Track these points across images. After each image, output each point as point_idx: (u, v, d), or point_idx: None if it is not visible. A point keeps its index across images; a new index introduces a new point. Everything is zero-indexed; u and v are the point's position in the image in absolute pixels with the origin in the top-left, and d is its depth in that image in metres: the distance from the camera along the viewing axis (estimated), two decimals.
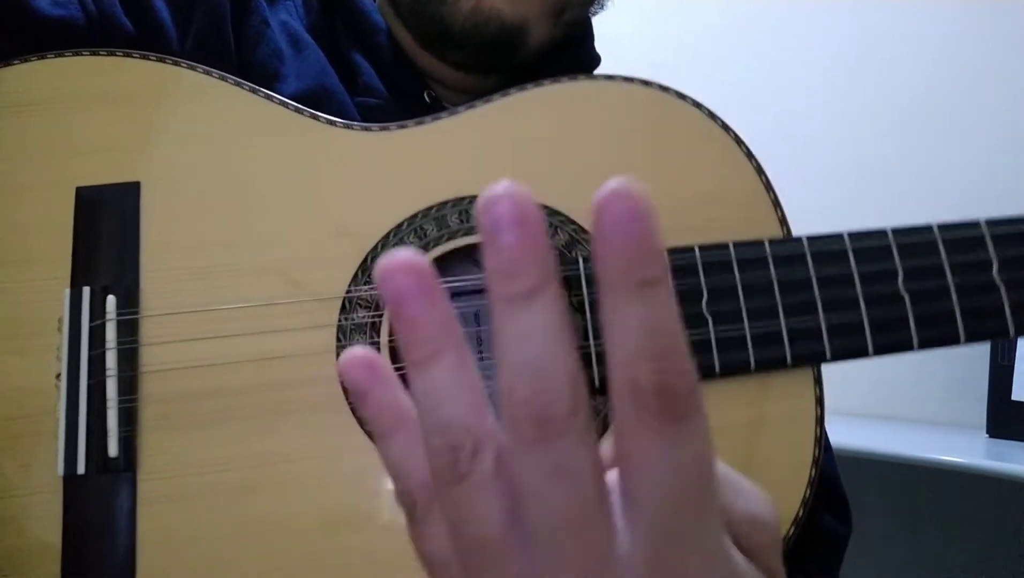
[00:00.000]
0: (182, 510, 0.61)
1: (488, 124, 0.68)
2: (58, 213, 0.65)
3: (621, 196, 0.28)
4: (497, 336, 0.30)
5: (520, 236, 0.29)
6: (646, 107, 0.68)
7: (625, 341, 0.29)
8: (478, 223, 0.29)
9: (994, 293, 0.62)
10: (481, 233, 0.29)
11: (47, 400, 0.62)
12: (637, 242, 0.28)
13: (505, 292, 0.29)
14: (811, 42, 2.09)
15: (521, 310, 0.29)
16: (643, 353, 0.29)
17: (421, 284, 0.30)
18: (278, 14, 0.82)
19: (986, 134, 1.86)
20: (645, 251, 0.29)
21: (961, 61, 1.91)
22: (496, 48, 0.77)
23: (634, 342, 0.29)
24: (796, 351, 0.62)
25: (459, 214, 0.66)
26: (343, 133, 0.68)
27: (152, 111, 0.68)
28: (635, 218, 0.28)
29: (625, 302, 0.29)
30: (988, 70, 1.88)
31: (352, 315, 0.63)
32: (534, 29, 0.78)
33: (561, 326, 0.30)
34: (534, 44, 0.79)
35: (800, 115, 2.06)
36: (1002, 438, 1.63)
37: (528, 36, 0.78)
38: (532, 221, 0.29)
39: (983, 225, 0.63)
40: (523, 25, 0.76)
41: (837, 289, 0.62)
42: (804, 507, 0.60)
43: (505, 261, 0.29)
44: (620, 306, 0.29)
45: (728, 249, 0.63)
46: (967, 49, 1.91)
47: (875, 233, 0.63)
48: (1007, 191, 1.78)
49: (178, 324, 0.63)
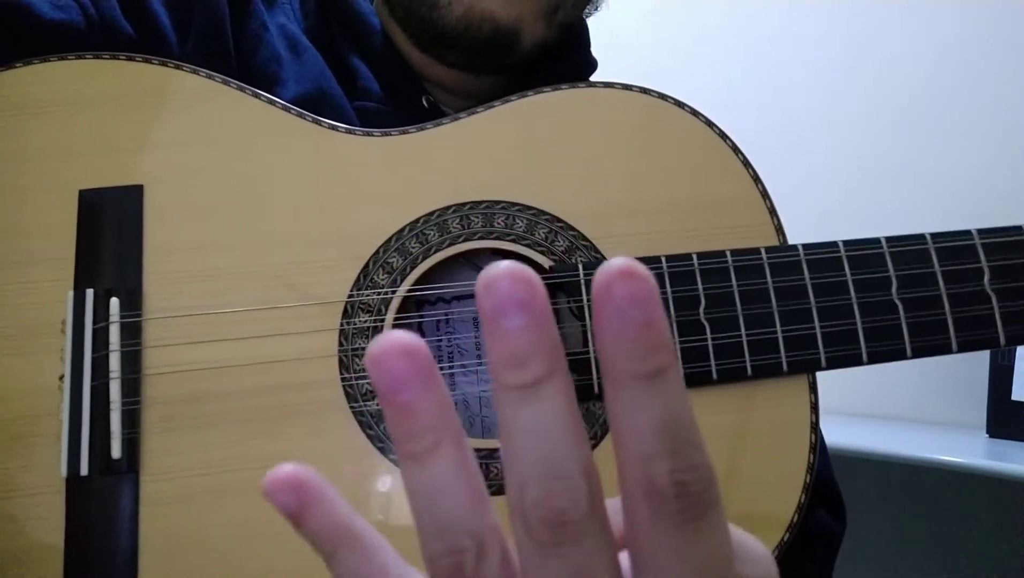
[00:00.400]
0: (184, 512, 0.61)
1: (489, 130, 0.69)
2: (61, 215, 0.65)
3: (624, 277, 0.26)
4: (504, 429, 0.28)
5: (527, 321, 0.26)
6: (644, 114, 0.69)
7: (637, 438, 0.28)
8: (479, 305, 0.27)
9: (986, 303, 0.62)
10: (482, 316, 0.27)
11: (50, 401, 0.62)
12: (644, 329, 0.27)
13: (511, 382, 0.27)
14: (808, 44, 2.08)
15: (530, 401, 0.27)
16: (658, 451, 0.27)
17: (418, 367, 0.27)
18: (276, 17, 0.82)
19: (986, 136, 1.85)
20: (653, 338, 0.27)
21: (960, 63, 1.91)
22: (490, 49, 0.78)
23: (648, 439, 0.27)
24: (792, 358, 0.62)
25: (460, 220, 0.66)
26: (345, 138, 0.68)
27: (155, 114, 0.68)
28: (642, 302, 0.26)
29: (634, 395, 0.27)
30: (988, 71, 1.88)
31: (354, 319, 0.64)
32: (528, 30, 0.78)
33: (573, 417, 0.28)
34: (528, 44, 0.79)
35: (797, 117, 2.05)
36: (1002, 438, 1.63)
37: (522, 37, 0.78)
38: (538, 303, 0.27)
39: (975, 234, 0.64)
40: (516, 26, 0.77)
41: (832, 297, 0.63)
42: (799, 513, 0.61)
43: (510, 349, 0.27)
44: (629, 400, 0.27)
45: (725, 257, 0.64)
46: (966, 51, 1.90)
47: (869, 242, 0.64)
48: (1008, 192, 1.79)
49: (181, 327, 0.64)
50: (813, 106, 2.05)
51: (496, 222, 0.66)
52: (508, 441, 0.28)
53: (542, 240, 0.66)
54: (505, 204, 0.67)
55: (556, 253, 0.66)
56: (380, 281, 0.65)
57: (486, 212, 0.66)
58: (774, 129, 1.97)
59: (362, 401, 0.62)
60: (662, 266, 0.64)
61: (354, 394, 0.62)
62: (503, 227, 0.66)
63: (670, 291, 0.63)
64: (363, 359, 0.27)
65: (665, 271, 0.64)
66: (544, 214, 0.66)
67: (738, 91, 2.07)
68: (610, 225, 0.66)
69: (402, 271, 0.65)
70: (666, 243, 0.65)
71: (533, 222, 0.66)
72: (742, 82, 2.11)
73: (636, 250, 0.65)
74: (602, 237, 0.66)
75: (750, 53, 2.15)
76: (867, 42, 2.02)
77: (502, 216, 0.66)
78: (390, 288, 0.65)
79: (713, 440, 0.62)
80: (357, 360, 0.63)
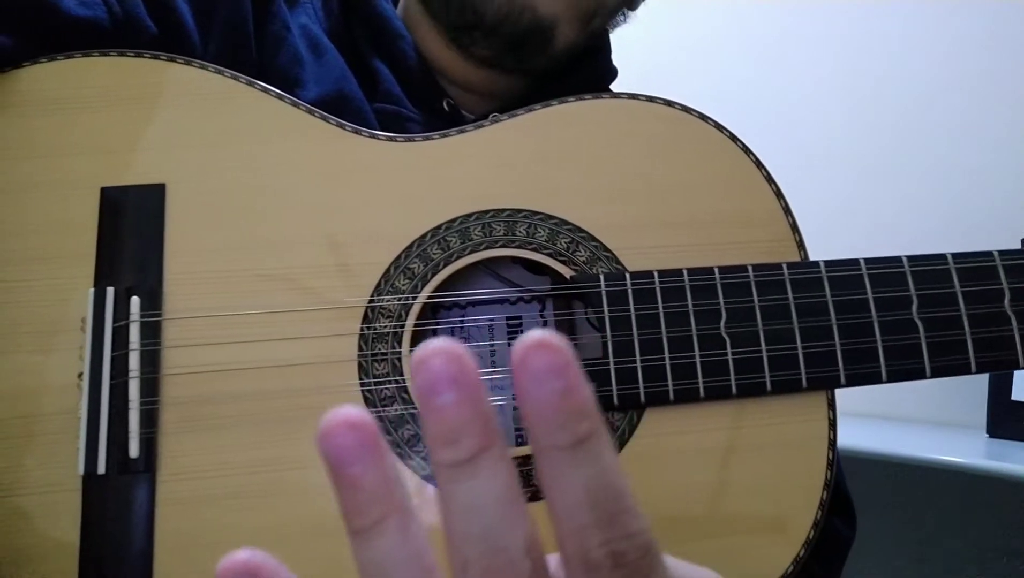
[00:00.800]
0: (201, 513, 0.61)
1: (512, 138, 0.69)
2: (83, 213, 0.65)
3: (538, 349, 0.26)
4: (442, 506, 0.28)
5: (457, 396, 0.26)
6: (668, 127, 0.69)
7: (569, 509, 0.28)
8: (412, 384, 0.27)
9: (1005, 324, 0.63)
10: (415, 394, 0.27)
11: (68, 399, 0.62)
12: (563, 398, 0.26)
13: (446, 459, 0.27)
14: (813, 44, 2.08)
15: (466, 477, 0.27)
16: (590, 523, 0.27)
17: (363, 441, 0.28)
18: (298, 17, 0.82)
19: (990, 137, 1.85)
20: (574, 406, 0.27)
21: (961, 64, 1.90)
22: (524, 43, 0.78)
23: (578, 511, 0.27)
24: (811, 375, 0.62)
25: (482, 227, 0.66)
26: (368, 142, 0.68)
27: (178, 114, 0.68)
28: (558, 373, 0.26)
29: (561, 466, 0.27)
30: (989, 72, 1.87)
31: (374, 324, 0.64)
32: (563, 30, 0.78)
33: (511, 491, 0.28)
34: (560, 45, 0.79)
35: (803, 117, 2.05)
36: (1002, 438, 1.63)
37: (556, 36, 0.78)
38: (469, 378, 0.27)
39: (996, 256, 0.64)
40: (554, 23, 0.77)
41: (853, 315, 0.63)
42: (815, 529, 0.61)
43: (443, 425, 0.27)
44: (556, 471, 0.27)
45: (747, 271, 0.64)
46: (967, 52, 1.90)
47: (890, 260, 0.64)
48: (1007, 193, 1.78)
49: (200, 328, 0.64)
50: (813, 106, 2.05)
51: (518, 231, 0.66)
52: (447, 519, 0.28)
53: (564, 249, 0.66)
54: (527, 213, 0.67)
55: (577, 263, 0.66)
56: (401, 286, 0.65)
57: (508, 220, 0.66)
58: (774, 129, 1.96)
59: (380, 406, 0.62)
60: (684, 279, 0.64)
61: (372, 399, 0.63)
62: (525, 236, 0.66)
63: (691, 304, 0.63)
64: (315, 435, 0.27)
65: (687, 284, 0.64)
66: (566, 224, 0.66)
67: (738, 91, 2.07)
68: (632, 237, 0.66)
69: (423, 277, 0.65)
70: (688, 256, 0.65)
71: (555, 232, 0.66)
72: (742, 82, 2.11)
73: (658, 263, 0.65)
74: (624, 248, 0.66)
75: (750, 53, 2.14)
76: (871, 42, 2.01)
77: (524, 225, 0.66)
78: (411, 293, 0.65)
79: (730, 454, 0.62)
80: (376, 365, 0.63)
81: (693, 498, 0.61)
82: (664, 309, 0.63)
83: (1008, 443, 1.61)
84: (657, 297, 0.64)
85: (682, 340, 0.63)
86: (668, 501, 0.61)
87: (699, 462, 0.62)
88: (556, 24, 0.78)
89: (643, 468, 0.62)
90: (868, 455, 1.51)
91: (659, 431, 0.62)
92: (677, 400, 0.62)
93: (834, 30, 2.05)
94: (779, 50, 2.10)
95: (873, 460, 1.51)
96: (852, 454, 1.48)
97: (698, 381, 0.62)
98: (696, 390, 0.62)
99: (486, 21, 0.77)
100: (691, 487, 0.62)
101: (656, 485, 0.62)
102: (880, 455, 1.53)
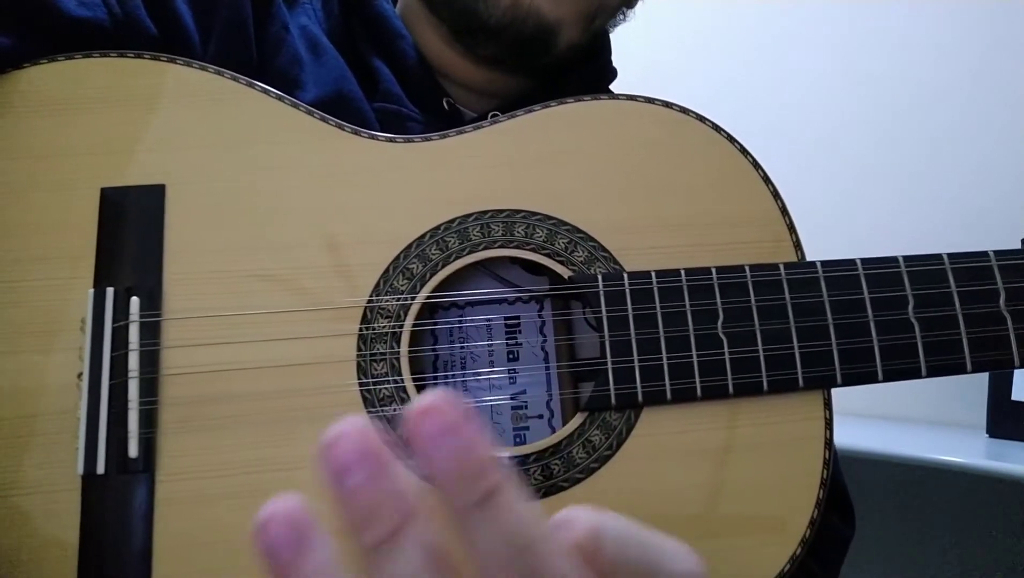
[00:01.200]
0: (199, 513, 0.61)
1: (512, 140, 0.69)
2: (82, 213, 0.65)
3: (426, 415, 0.26)
4: None
5: (367, 475, 0.26)
6: (666, 128, 0.69)
7: (484, 565, 0.27)
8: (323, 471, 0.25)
9: (1001, 324, 0.63)
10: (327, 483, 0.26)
11: (67, 399, 0.62)
12: (460, 458, 0.26)
13: (370, 541, 0.27)
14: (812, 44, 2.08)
15: (392, 555, 0.27)
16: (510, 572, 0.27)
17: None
18: (298, 18, 0.82)
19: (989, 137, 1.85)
20: (473, 464, 0.27)
21: (961, 64, 1.90)
22: (528, 46, 0.78)
23: (495, 565, 0.27)
24: (808, 374, 0.63)
25: (481, 228, 0.66)
26: (368, 143, 0.68)
27: (178, 115, 0.68)
28: (450, 433, 0.26)
29: (474, 522, 0.27)
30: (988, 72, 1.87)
31: (373, 325, 0.64)
32: (566, 31, 0.79)
33: (435, 561, 0.27)
34: (563, 46, 0.80)
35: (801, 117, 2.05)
36: (1002, 438, 1.62)
37: (560, 37, 0.79)
38: (377, 456, 0.26)
39: (992, 256, 0.64)
40: (558, 26, 0.77)
41: (849, 315, 0.63)
42: (812, 527, 0.61)
43: (359, 508, 0.26)
44: (469, 526, 0.27)
45: (744, 272, 0.64)
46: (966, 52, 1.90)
47: (887, 260, 0.65)
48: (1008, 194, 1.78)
49: (199, 328, 0.64)
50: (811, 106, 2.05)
51: (516, 231, 0.66)
52: None
53: (562, 250, 0.66)
54: (526, 213, 0.67)
55: (575, 264, 0.66)
56: (400, 286, 0.65)
57: (507, 221, 0.67)
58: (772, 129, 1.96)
59: (379, 406, 0.62)
60: (681, 279, 0.64)
61: (371, 399, 0.63)
62: (523, 236, 0.66)
63: (688, 304, 0.64)
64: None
65: (684, 284, 0.64)
66: (564, 225, 0.67)
67: (737, 91, 2.07)
68: (630, 237, 0.66)
69: (422, 277, 0.65)
70: (685, 256, 0.66)
71: (553, 232, 0.66)
72: (741, 82, 2.11)
73: (655, 263, 0.65)
74: (621, 249, 0.66)
75: (749, 53, 2.14)
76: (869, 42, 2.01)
77: (523, 225, 0.66)
78: (409, 294, 0.65)
79: (727, 453, 0.63)
80: (375, 365, 0.63)
81: (690, 497, 0.62)
82: (661, 309, 0.63)
83: (1008, 443, 1.61)
84: (655, 297, 0.64)
85: (679, 340, 0.63)
86: (665, 500, 0.61)
87: (696, 461, 0.62)
88: (560, 27, 0.78)
89: (640, 467, 0.62)
90: (868, 455, 1.51)
91: (656, 430, 0.63)
92: (674, 400, 0.62)
93: (832, 30, 2.05)
94: (777, 50, 2.11)
95: (873, 460, 1.51)
96: (852, 454, 1.48)
97: (695, 381, 0.62)
98: (693, 390, 0.62)
99: (491, 26, 0.77)
100: (688, 486, 0.62)
101: (653, 484, 0.62)
102: (880, 455, 1.53)
